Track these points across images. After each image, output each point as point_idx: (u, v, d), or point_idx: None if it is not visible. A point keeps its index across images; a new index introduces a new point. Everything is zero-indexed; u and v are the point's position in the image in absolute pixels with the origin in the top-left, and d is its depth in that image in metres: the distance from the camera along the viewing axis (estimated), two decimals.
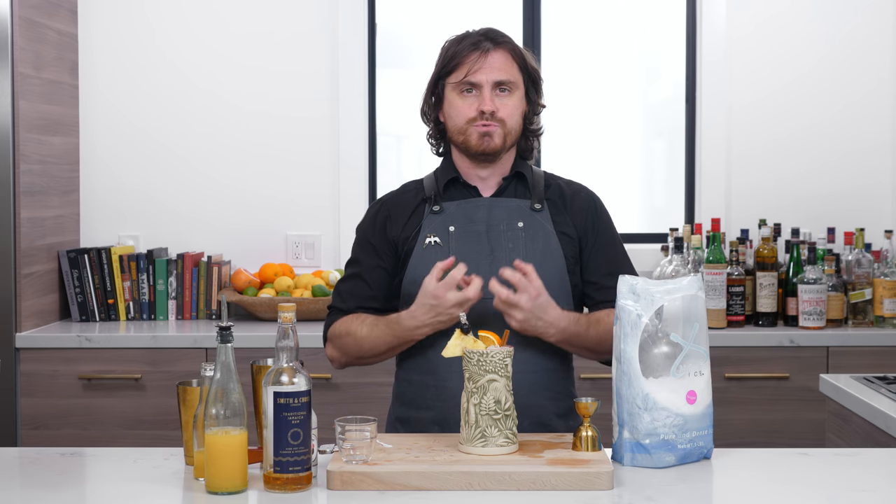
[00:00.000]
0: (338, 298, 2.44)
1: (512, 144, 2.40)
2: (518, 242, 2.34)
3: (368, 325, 2.33)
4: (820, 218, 4.22)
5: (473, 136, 2.35)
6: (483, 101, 2.33)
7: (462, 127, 2.35)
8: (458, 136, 2.37)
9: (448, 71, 2.37)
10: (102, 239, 4.23)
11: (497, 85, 2.34)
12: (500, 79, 2.34)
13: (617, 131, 4.48)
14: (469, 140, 2.36)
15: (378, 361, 2.39)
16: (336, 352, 2.40)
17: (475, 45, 2.35)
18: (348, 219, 4.19)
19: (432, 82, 2.41)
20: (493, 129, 2.34)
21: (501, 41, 2.37)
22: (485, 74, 2.33)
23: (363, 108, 4.26)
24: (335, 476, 1.89)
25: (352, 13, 4.22)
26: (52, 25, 3.95)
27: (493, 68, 2.34)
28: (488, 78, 2.33)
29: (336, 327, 2.40)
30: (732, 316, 3.84)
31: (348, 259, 2.47)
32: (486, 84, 2.33)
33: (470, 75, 2.33)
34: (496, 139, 2.34)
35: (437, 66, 2.40)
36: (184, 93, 4.24)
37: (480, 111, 2.33)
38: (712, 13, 4.24)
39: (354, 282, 2.43)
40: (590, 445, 2.02)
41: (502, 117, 2.34)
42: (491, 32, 2.39)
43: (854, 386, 2.74)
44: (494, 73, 2.34)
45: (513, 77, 2.36)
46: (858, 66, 4.25)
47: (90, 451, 2.21)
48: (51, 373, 3.67)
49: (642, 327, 2.02)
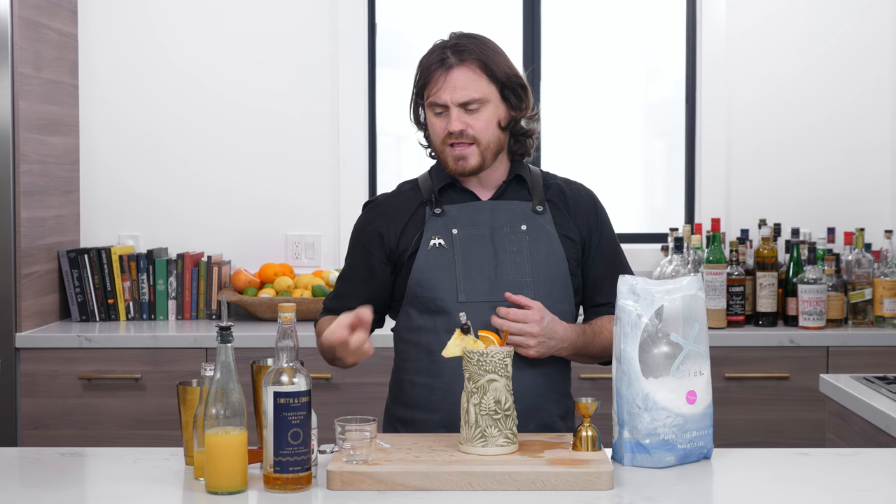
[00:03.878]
0: (328, 298, 2.48)
1: (495, 156, 2.34)
2: (522, 245, 2.34)
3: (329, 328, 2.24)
4: (820, 218, 4.22)
5: (449, 159, 2.32)
6: (450, 122, 2.28)
7: (439, 147, 2.33)
8: (439, 154, 2.36)
9: (422, 87, 2.33)
10: (102, 239, 4.23)
11: (463, 104, 2.27)
12: (462, 99, 2.26)
13: (617, 131, 4.48)
14: (446, 161, 2.33)
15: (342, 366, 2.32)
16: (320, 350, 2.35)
17: (440, 61, 2.27)
18: (348, 219, 4.19)
19: (413, 92, 2.38)
20: (466, 151, 2.29)
21: (466, 55, 2.27)
22: (448, 94, 2.26)
23: (363, 108, 4.26)
24: (335, 476, 1.89)
25: (352, 13, 4.22)
26: (52, 25, 3.95)
27: (455, 87, 2.26)
28: (452, 98, 2.26)
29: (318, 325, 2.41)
30: (732, 316, 3.84)
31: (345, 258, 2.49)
32: (452, 104, 2.27)
33: (433, 96, 2.29)
34: (471, 160, 2.30)
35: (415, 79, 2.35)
36: (184, 93, 4.24)
37: (449, 132, 2.28)
38: (712, 13, 4.24)
39: (343, 283, 2.45)
40: (590, 445, 2.02)
41: (474, 134, 2.28)
42: (458, 45, 2.28)
43: (854, 386, 2.74)
44: (457, 92, 2.26)
45: (478, 93, 2.27)
46: (858, 66, 4.25)
47: (90, 451, 2.21)
48: (51, 373, 3.67)
49: (642, 327, 2.02)
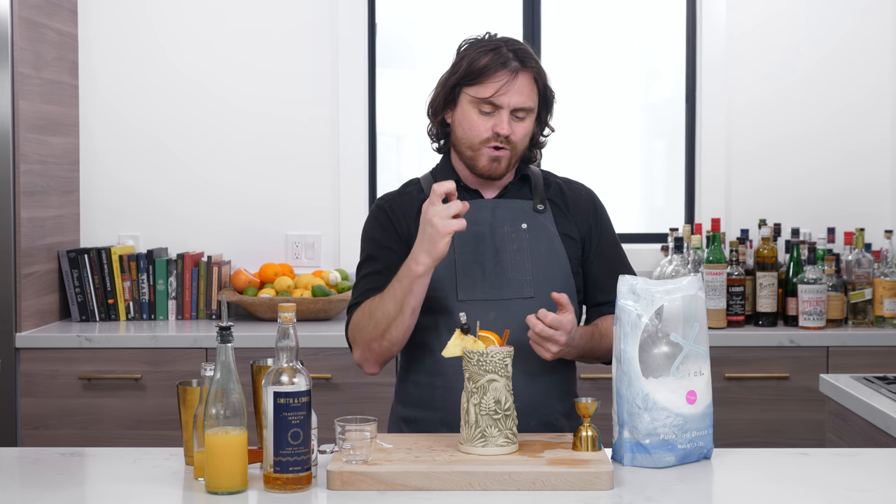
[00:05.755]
0: (356, 296, 2.36)
1: (517, 163, 2.38)
2: (522, 244, 2.34)
3: (377, 298, 2.25)
4: (820, 218, 4.22)
5: (483, 158, 2.31)
6: (500, 124, 2.27)
7: (475, 145, 2.31)
8: (468, 151, 2.33)
9: (470, 81, 2.29)
10: (102, 239, 4.23)
11: (516, 110, 2.29)
12: (521, 105, 2.28)
13: (617, 131, 4.48)
14: (478, 160, 2.32)
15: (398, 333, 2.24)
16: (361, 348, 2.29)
17: (503, 64, 2.27)
18: (348, 219, 4.19)
19: (448, 84, 2.33)
20: (503, 153, 2.30)
21: (529, 64, 2.29)
22: (509, 98, 2.27)
23: (363, 108, 4.26)
24: (335, 476, 1.89)
25: (352, 13, 4.22)
26: (52, 25, 3.95)
27: (518, 93, 2.27)
28: (511, 102, 2.27)
29: (354, 321, 2.31)
30: (732, 316, 3.84)
31: (360, 262, 2.40)
32: (507, 107, 2.28)
33: (496, 97, 2.27)
34: (503, 164, 2.31)
35: (459, 71, 2.31)
36: (184, 93, 4.24)
37: (496, 133, 2.28)
38: (712, 13, 4.24)
39: (372, 278, 2.34)
40: (590, 445, 2.02)
41: (514, 141, 2.30)
42: (521, 50, 2.30)
43: (854, 386, 2.74)
44: (519, 98, 2.27)
45: (532, 103, 2.30)
46: (858, 67, 4.25)
47: (90, 451, 2.21)
48: (51, 373, 3.67)
49: (642, 327, 2.02)
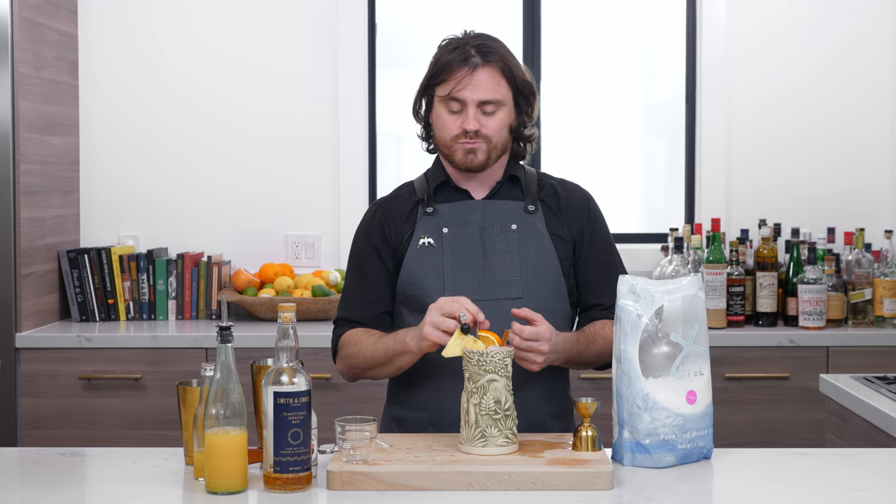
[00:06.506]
0: (343, 309, 2.42)
1: (499, 156, 2.37)
2: (512, 245, 2.34)
3: (375, 337, 2.32)
4: (820, 218, 4.22)
5: (458, 153, 2.33)
6: (467, 120, 2.30)
7: (447, 142, 2.34)
8: (444, 149, 2.36)
9: (436, 81, 2.34)
10: (102, 239, 4.23)
11: (482, 104, 2.30)
12: (484, 98, 2.29)
13: (617, 131, 4.48)
14: (454, 155, 2.34)
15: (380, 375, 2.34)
16: (343, 364, 2.38)
17: (464, 60, 2.30)
18: (348, 219, 4.19)
19: (422, 85, 2.38)
20: (477, 146, 2.31)
21: (491, 57, 2.30)
22: (470, 92, 2.29)
23: (363, 109, 4.26)
24: (335, 476, 1.89)
25: (352, 13, 4.22)
26: (52, 25, 3.95)
27: (478, 87, 2.29)
28: (473, 96, 2.29)
29: (344, 339, 2.38)
30: (732, 316, 3.84)
31: (348, 267, 2.45)
32: (471, 102, 2.29)
33: (455, 92, 2.30)
34: (480, 156, 2.33)
35: (428, 72, 2.36)
36: (184, 93, 4.24)
37: (464, 130, 2.30)
38: (712, 13, 4.24)
39: (357, 289, 2.41)
40: (590, 445, 2.02)
41: (487, 134, 2.31)
42: (483, 45, 2.31)
43: (854, 386, 2.74)
44: (480, 91, 2.29)
45: (499, 95, 2.31)
46: (858, 67, 4.25)
47: (90, 451, 2.21)
48: (51, 373, 3.67)
49: (642, 327, 2.02)
